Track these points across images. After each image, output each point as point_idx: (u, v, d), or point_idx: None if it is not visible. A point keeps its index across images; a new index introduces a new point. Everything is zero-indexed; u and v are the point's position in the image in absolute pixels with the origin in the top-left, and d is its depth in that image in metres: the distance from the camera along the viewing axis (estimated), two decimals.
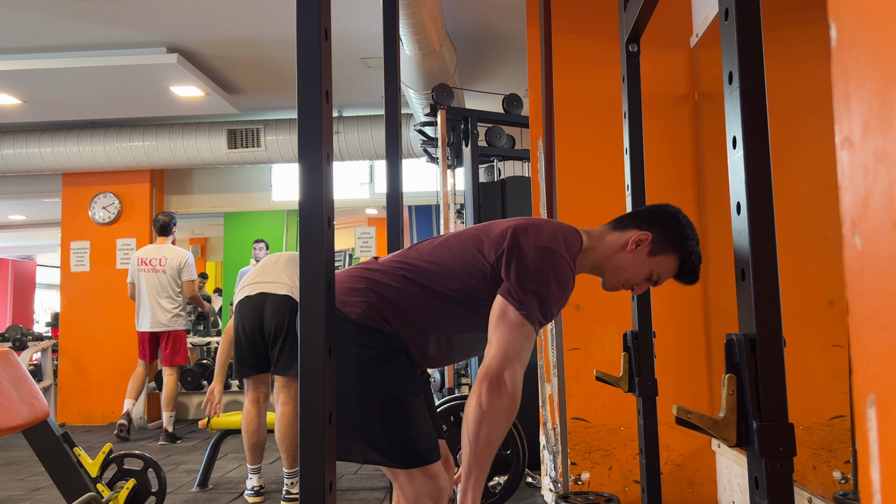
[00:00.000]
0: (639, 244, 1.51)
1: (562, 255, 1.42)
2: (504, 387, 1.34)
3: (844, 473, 1.92)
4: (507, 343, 1.36)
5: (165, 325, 5.07)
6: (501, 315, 1.38)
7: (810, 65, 2.10)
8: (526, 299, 1.38)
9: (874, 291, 0.31)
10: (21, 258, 13.31)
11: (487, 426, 1.33)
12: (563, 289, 1.43)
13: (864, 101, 0.32)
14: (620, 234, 1.54)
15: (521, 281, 1.39)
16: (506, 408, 1.34)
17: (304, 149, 0.96)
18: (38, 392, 1.58)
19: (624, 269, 1.53)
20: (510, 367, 1.35)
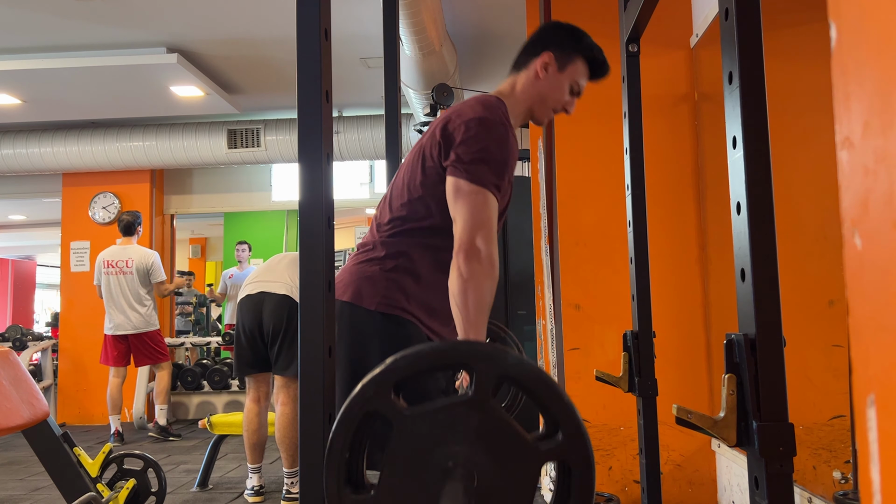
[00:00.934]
0: (546, 67, 1.57)
1: (489, 118, 1.45)
2: (479, 252, 1.36)
3: (844, 473, 1.92)
4: (469, 213, 1.39)
5: (137, 326, 4.95)
6: (455, 191, 1.41)
7: (810, 65, 2.10)
8: (472, 167, 1.41)
9: (874, 291, 0.31)
10: (21, 258, 13.31)
11: (473, 292, 1.35)
12: (506, 148, 1.45)
13: (864, 101, 0.32)
14: (526, 71, 1.60)
15: (462, 153, 1.42)
16: (486, 272, 1.36)
17: (304, 149, 0.96)
18: (38, 392, 1.58)
19: (547, 96, 1.59)
20: (479, 233, 1.37)
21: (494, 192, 1.41)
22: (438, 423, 0.85)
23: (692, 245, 2.94)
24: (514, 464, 0.84)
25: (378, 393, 0.85)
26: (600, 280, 2.94)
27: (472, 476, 0.83)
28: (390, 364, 0.85)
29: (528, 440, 0.84)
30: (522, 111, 1.61)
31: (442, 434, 0.84)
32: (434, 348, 0.87)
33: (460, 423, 0.84)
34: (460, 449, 0.84)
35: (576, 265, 2.97)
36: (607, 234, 2.95)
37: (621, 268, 2.84)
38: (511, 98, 1.59)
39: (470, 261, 1.35)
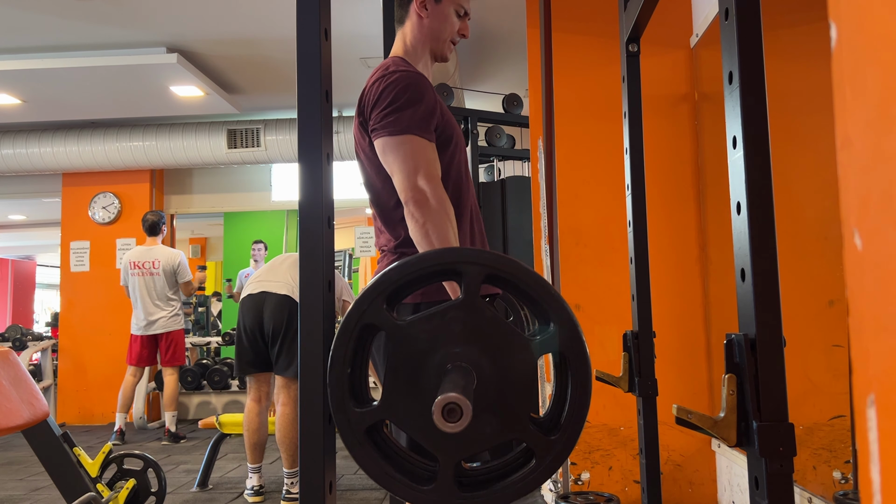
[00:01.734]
0: (424, 4, 1.59)
1: (385, 73, 1.47)
2: (425, 193, 1.37)
3: (844, 473, 1.92)
4: (402, 162, 1.39)
5: (164, 327, 5.00)
6: (383, 150, 1.43)
7: (810, 65, 2.10)
8: (388, 121, 1.41)
9: (874, 291, 0.31)
10: (21, 258, 13.31)
11: (434, 229, 1.35)
12: (412, 87, 1.45)
13: (864, 101, 0.32)
14: (409, 20, 1.61)
15: (376, 115, 1.44)
16: (439, 209, 1.37)
17: (304, 149, 0.96)
18: (38, 392, 1.58)
19: (439, 31, 1.61)
20: (418, 176, 1.38)
21: (422, 134, 1.41)
22: (432, 328, 0.86)
23: (692, 245, 2.94)
24: (511, 359, 0.86)
25: (372, 306, 0.86)
26: (600, 280, 2.94)
27: (471, 374, 0.84)
28: (381, 276, 0.87)
29: (522, 335, 0.86)
30: (423, 57, 1.61)
31: (437, 338, 0.86)
32: (420, 257, 0.88)
33: (454, 325, 0.86)
34: (457, 350, 0.86)
35: (576, 265, 2.97)
36: (607, 234, 2.95)
37: (621, 268, 2.84)
38: (406, 50, 1.60)
39: (419, 204, 1.36)
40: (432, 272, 0.88)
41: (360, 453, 0.87)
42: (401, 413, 0.87)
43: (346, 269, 8.22)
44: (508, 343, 0.86)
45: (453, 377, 0.81)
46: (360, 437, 0.87)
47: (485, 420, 0.85)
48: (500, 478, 0.88)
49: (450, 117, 1.55)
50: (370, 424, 0.87)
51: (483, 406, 0.85)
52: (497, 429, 0.86)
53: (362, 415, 0.87)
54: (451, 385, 0.77)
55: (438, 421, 0.74)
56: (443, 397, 0.73)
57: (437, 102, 1.50)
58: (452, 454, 0.85)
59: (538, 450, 0.86)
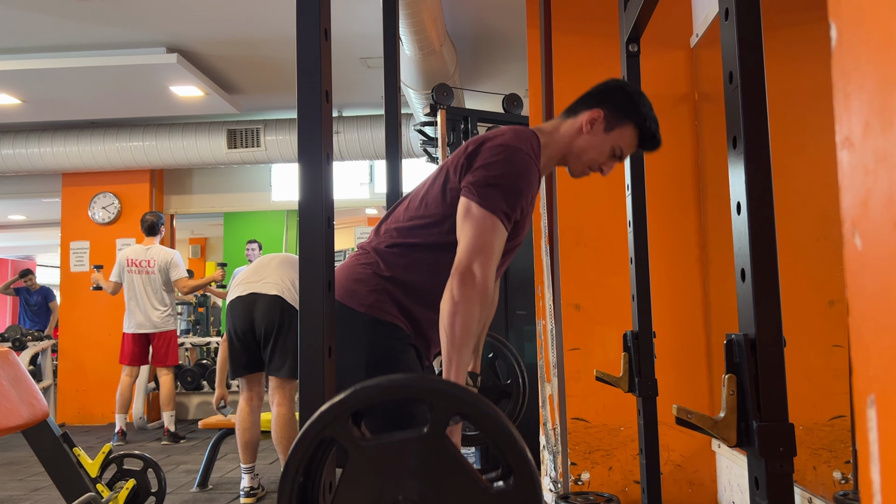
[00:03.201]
0: (593, 123, 1.54)
1: (519, 148, 1.44)
2: (473, 278, 1.35)
3: (844, 473, 1.92)
4: (474, 237, 1.37)
5: (157, 325, 5.01)
6: (465, 213, 1.40)
7: (810, 65, 2.10)
8: (486, 192, 1.39)
9: (874, 291, 0.31)
10: (21, 258, 13.30)
11: (461, 316, 1.34)
12: (526, 180, 1.43)
13: (864, 101, 0.32)
14: (574, 120, 1.57)
15: (480, 176, 1.41)
16: (477, 297, 1.35)
17: (304, 149, 0.96)
18: (37, 392, 1.58)
19: (586, 152, 1.56)
20: (477, 259, 1.36)
21: (503, 219, 1.39)
22: (392, 455, 0.85)
23: (692, 245, 2.94)
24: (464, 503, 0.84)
25: (335, 420, 0.85)
26: (600, 280, 2.94)
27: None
28: (349, 393, 0.85)
29: (479, 481, 0.84)
30: (556, 156, 1.57)
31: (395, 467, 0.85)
32: (393, 382, 0.88)
33: (414, 458, 0.84)
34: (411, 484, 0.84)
35: (576, 265, 2.97)
36: (607, 234, 2.95)
37: (621, 268, 2.84)
38: (549, 138, 1.55)
39: (463, 284, 1.35)
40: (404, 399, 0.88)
41: None
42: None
43: None
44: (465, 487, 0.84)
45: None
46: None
47: None
48: None
49: (530, 215, 1.53)
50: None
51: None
52: None
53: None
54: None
55: None
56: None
57: (533, 198, 1.49)
58: None
59: None
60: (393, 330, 1.46)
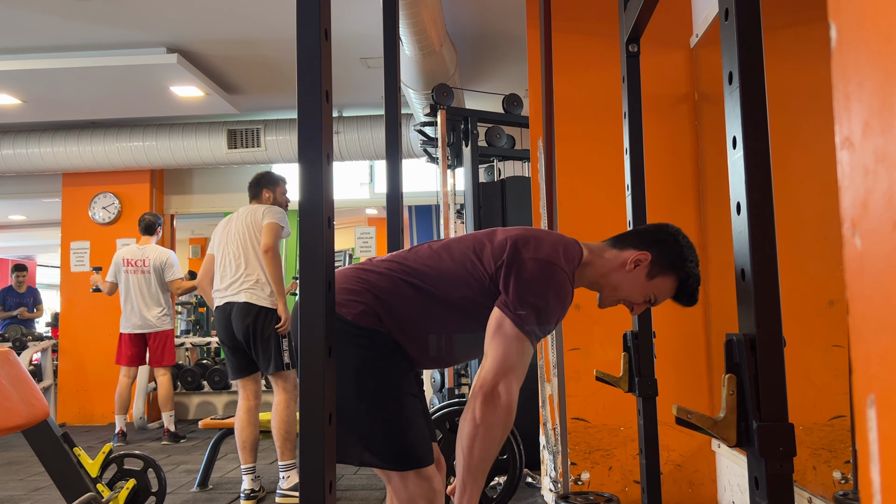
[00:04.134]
0: (637, 264, 1.50)
1: (561, 269, 1.41)
2: (499, 399, 1.33)
3: (844, 473, 1.92)
4: (503, 356, 1.35)
5: (154, 325, 5.00)
6: (498, 327, 1.37)
7: (810, 65, 2.10)
8: (523, 312, 1.37)
9: (874, 291, 0.31)
10: (21, 258, 13.30)
11: (482, 440, 1.33)
12: (562, 302, 1.42)
13: (864, 101, 0.32)
14: (619, 253, 1.53)
15: (520, 294, 1.38)
16: (500, 422, 1.34)
17: (304, 149, 0.96)
18: (38, 392, 1.58)
19: (621, 288, 1.53)
20: (505, 379, 1.34)
21: (534, 342, 1.39)
22: None
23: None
24: None
25: None
26: None
27: None
28: None
29: None
30: (591, 279, 1.54)
31: None
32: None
33: None
34: None
35: None
36: (607, 234, 2.94)
37: None
38: (592, 264, 1.52)
39: (487, 405, 1.33)
40: None
41: None
42: None
43: None
44: None
45: None
46: None
47: None
48: None
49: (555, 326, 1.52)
50: None
51: None
52: None
53: None
54: None
55: None
56: None
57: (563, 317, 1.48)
58: None
59: None
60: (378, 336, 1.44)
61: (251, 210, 3.42)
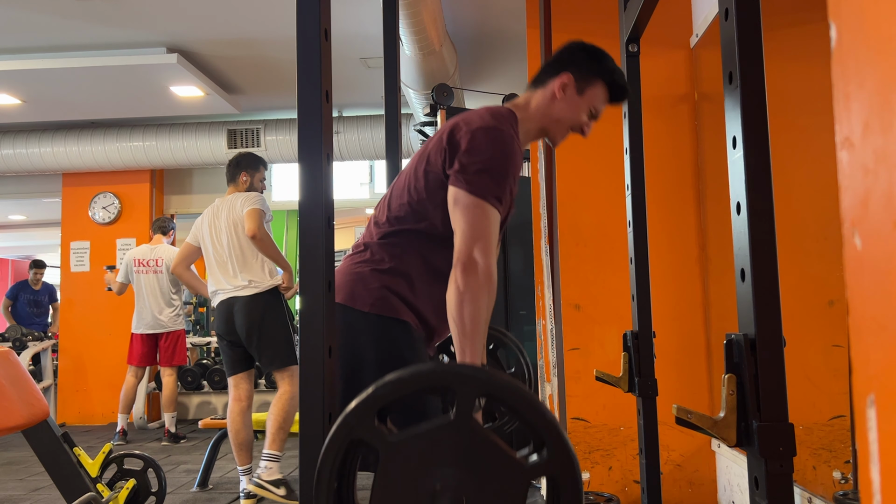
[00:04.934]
0: (565, 88, 1.54)
1: (496, 128, 1.44)
2: (476, 265, 1.35)
3: (844, 473, 1.92)
4: (468, 225, 1.37)
5: (166, 325, 5.01)
6: (455, 202, 1.40)
7: (810, 65, 2.10)
8: (474, 178, 1.39)
9: (874, 291, 0.31)
10: (21, 258, 13.30)
11: (469, 305, 1.34)
12: (510, 160, 1.43)
13: (864, 102, 0.32)
14: (544, 90, 1.57)
15: (465, 163, 1.40)
16: (482, 286, 1.35)
17: (304, 149, 0.96)
18: (38, 392, 1.58)
19: (564, 117, 1.57)
20: (477, 246, 1.36)
21: (495, 204, 1.40)
22: (423, 447, 0.85)
23: (692, 245, 2.94)
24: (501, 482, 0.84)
25: (361, 421, 0.85)
26: (600, 280, 2.94)
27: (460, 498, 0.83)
28: (371, 392, 0.86)
29: (513, 457, 0.85)
30: (535, 129, 1.58)
31: (427, 458, 0.85)
32: (414, 373, 0.88)
33: (445, 445, 0.85)
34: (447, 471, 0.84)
35: (576, 265, 2.97)
36: (607, 234, 2.95)
37: (621, 268, 2.84)
38: (525, 113, 1.56)
39: (467, 274, 1.35)
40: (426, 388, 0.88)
41: None
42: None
43: None
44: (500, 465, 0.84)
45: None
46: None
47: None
48: None
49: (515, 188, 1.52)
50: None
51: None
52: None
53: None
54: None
55: None
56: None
57: (518, 175, 1.49)
58: None
59: None
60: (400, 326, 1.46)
61: (230, 204, 3.31)
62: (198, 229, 3.39)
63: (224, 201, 3.36)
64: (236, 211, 3.26)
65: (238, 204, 3.27)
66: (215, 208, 3.37)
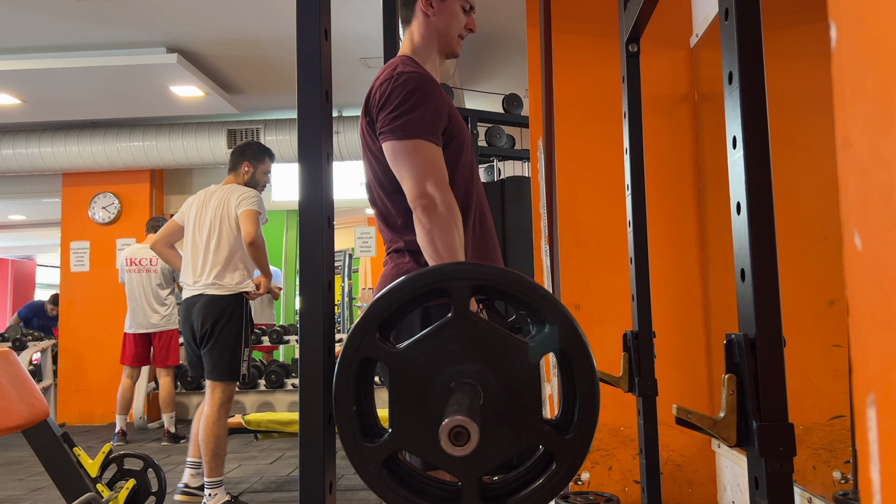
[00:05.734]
0: (430, 2, 1.57)
1: (396, 72, 1.45)
2: (433, 199, 1.35)
3: (844, 473, 1.92)
4: (410, 167, 1.38)
5: (158, 326, 4.98)
6: (392, 154, 1.41)
7: (810, 65, 2.10)
8: (397, 125, 1.40)
9: (874, 291, 0.31)
10: (21, 258, 13.30)
11: (440, 236, 1.34)
12: (422, 89, 1.44)
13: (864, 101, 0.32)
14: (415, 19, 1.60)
15: (385, 116, 1.42)
16: (447, 218, 1.35)
17: (304, 149, 0.96)
18: (38, 392, 1.58)
19: (446, 27, 1.59)
20: (428, 182, 1.36)
21: (429, 138, 1.40)
22: (429, 350, 0.86)
23: (692, 245, 2.94)
24: (513, 366, 0.85)
25: (365, 339, 0.86)
26: (600, 280, 2.94)
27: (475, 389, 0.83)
28: (369, 309, 0.87)
29: (520, 340, 0.85)
30: (433, 54, 1.60)
31: (436, 360, 0.85)
32: (405, 280, 0.88)
33: (450, 344, 0.85)
34: (458, 368, 0.85)
35: (576, 265, 2.97)
36: (607, 234, 2.95)
37: (621, 268, 2.84)
38: (415, 49, 1.59)
39: (428, 211, 1.35)
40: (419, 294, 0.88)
41: (379, 486, 0.86)
42: (413, 441, 0.86)
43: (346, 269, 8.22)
44: (508, 350, 0.85)
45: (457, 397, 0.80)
46: (377, 471, 0.86)
47: (498, 432, 0.84)
48: (524, 486, 0.87)
49: (458, 117, 1.53)
50: (386, 457, 0.86)
51: (494, 418, 0.84)
52: (512, 438, 0.85)
53: (375, 449, 0.86)
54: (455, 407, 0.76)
55: (447, 446, 0.73)
56: (447, 422, 0.73)
57: (446, 103, 1.49)
58: (472, 473, 0.85)
59: (556, 451, 0.86)
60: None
61: (224, 196, 3.15)
62: (185, 210, 3.25)
63: (219, 189, 3.20)
64: (229, 206, 3.11)
65: (233, 199, 3.11)
66: (207, 194, 3.21)
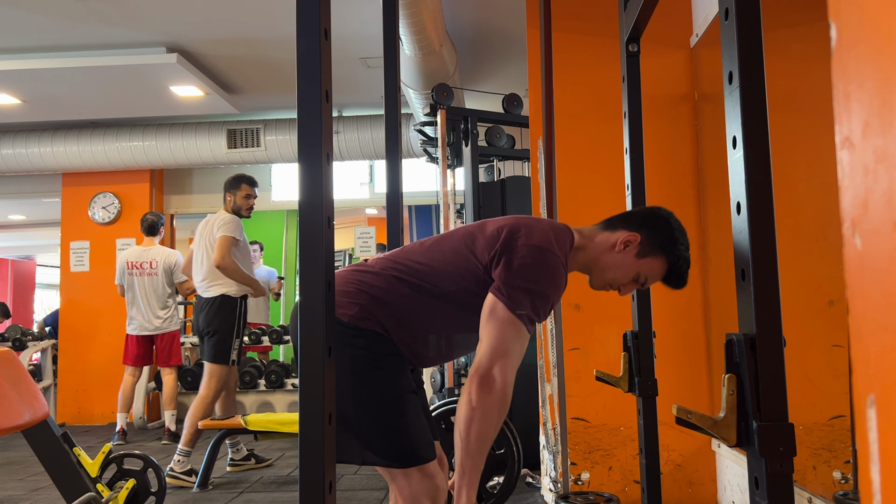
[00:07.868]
0: (627, 245, 1.51)
1: (554, 254, 1.42)
2: (494, 383, 1.34)
3: (844, 473, 1.92)
4: (498, 340, 1.36)
5: (160, 327, 4.99)
6: (491, 312, 1.39)
7: (810, 65, 2.10)
8: (517, 296, 1.38)
9: (874, 291, 0.31)
10: (21, 258, 13.30)
11: (478, 423, 1.33)
12: (555, 286, 1.43)
13: (864, 101, 0.32)
14: (611, 234, 1.54)
15: (513, 279, 1.39)
16: (496, 404, 1.34)
17: (304, 149, 0.96)
18: (38, 392, 1.58)
19: (611, 269, 1.54)
20: (500, 363, 1.35)
21: (529, 326, 1.39)
22: None
23: (692, 245, 2.94)
24: None
25: None
26: None
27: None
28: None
29: None
30: (582, 262, 1.56)
31: None
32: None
33: None
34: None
35: None
36: None
37: None
38: (583, 248, 1.54)
39: (482, 389, 1.33)
40: None
41: None
42: None
43: None
44: None
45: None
46: None
47: None
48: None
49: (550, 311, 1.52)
50: None
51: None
52: None
53: None
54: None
55: None
56: None
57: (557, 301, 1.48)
58: None
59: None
60: (375, 337, 1.44)
61: (212, 222, 3.84)
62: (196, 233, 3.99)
63: (212, 217, 3.91)
64: (212, 232, 3.80)
65: (215, 225, 3.79)
66: (205, 220, 3.93)
